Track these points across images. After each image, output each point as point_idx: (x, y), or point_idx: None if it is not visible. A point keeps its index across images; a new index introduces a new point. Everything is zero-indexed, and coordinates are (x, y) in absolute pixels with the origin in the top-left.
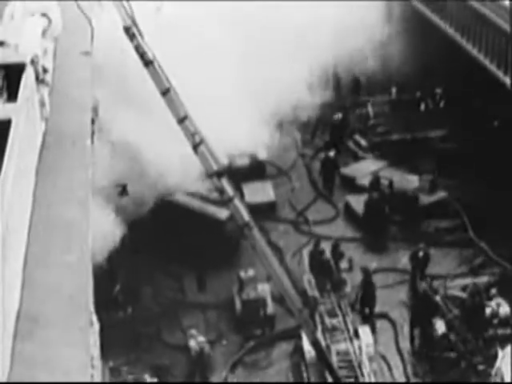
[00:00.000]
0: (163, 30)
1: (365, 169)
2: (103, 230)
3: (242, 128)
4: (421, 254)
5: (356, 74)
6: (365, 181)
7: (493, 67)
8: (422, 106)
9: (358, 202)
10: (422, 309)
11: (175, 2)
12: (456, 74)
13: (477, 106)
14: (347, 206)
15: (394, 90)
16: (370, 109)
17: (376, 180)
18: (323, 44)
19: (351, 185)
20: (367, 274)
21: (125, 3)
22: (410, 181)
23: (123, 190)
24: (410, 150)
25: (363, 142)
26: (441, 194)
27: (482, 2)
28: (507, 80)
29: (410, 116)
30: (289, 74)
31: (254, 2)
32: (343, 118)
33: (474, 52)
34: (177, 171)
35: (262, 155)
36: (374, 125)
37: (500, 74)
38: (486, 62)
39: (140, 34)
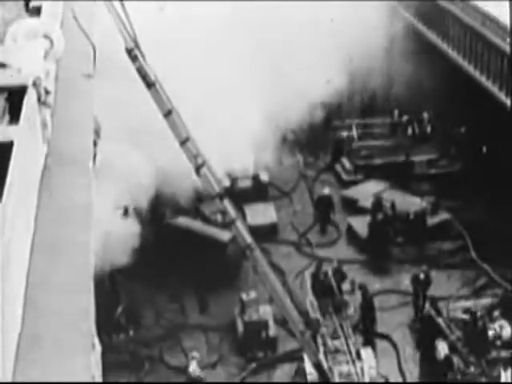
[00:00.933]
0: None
1: (367, 191)
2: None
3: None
4: (422, 276)
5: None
6: (367, 203)
7: (493, 89)
8: (410, 130)
9: (360, 224)
10: (424, 331)
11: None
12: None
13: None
14: (349, 228)
15: (395, 112)
16: (354, 131)
17: (378, 202)
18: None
19: (353, 207)
20: (365, 291)
21: (127, 25)
22: (412, 203)
23: (126, 212)
24: (395, 174)
25: (347, 165)
26: (443, 216)
27: (483, 22)
28: (508, 101)
29: (397, 140)
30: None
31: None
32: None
33: (475, 73)
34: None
35: (264, 177)
36: (358, 148)
37: (501, 95)
38: (487, 84)
39: (142, 56)
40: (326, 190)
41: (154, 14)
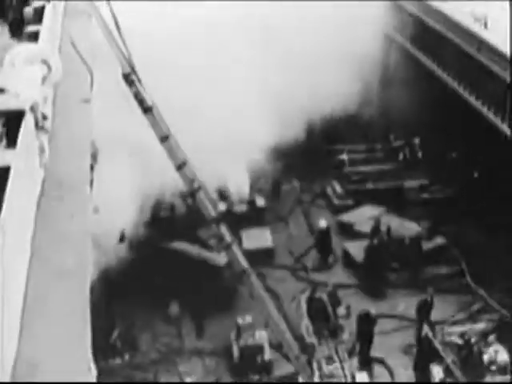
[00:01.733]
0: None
1: (363, 215)
2: None
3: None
4: (428, 299)
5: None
6: (363, 227)
7: (491, 116)
8: (401, 156)
9: (355, 249)
10: (421, 353)
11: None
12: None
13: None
14: (345, 253)
15: (392, 137)
16: (345, 156)
17: (377, 226)
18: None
19: (349, 231)
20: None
21: (124, 50)
22: (407, 227)
23: (122, 237)
24: (386, 199)
25: (338, 189)
26: (439, 241)
27: (479, 49)
28: (505, 129)
29: (389, 165)
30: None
31: None
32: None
33: (471, 99)
34: None
35: (260, 202)
36: (349, 172)
37: (497, 121)
38: (485, 111)
39: (139, 81)
40: (323, 223)
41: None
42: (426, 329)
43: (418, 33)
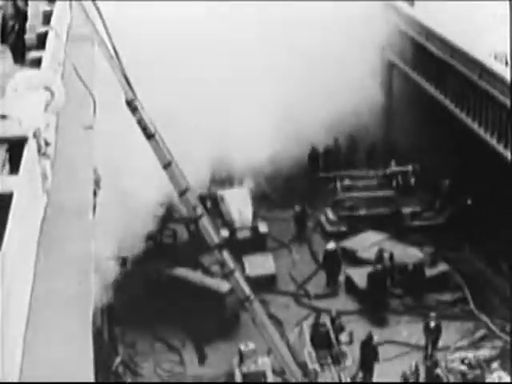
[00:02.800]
0: None
1: (365, 241)
2: None
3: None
4: (432, 324)
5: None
6: (365, 253)
7: (493, 141)
8: (394, 182)
9: (358, 275)
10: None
11: None
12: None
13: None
14: (348, 279)
15: (392, 162)
16: (338, 183)
17: (380, 253)
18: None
19: (352, 257)
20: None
21: (127, 76)
22: (410, 254)
23: (124, 262)
24: (380, 225)
25: (331, 216)
26: (442, 267)
27: (481, 75)
28: (507, 154)
29: (382, 191)
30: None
31: None
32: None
33: (473, 125)
34: None
35: (263, 228)
36: (341, 199)
37: (500, 148)
38: (486, 137)
39: (142, 107)
40: (331, 245)
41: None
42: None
43: (420, 59)
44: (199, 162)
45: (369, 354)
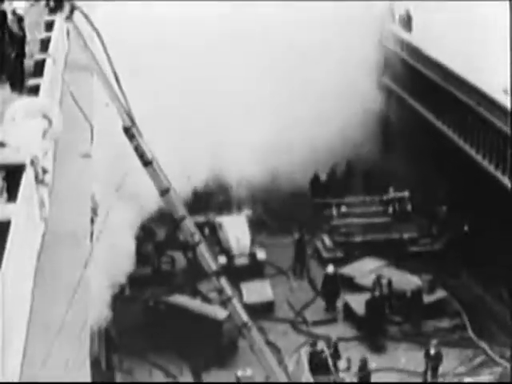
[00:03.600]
0: None
1: (363, 268)
2: None
3: None
4: (433, 351)
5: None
6: (363, 280)
7: (491, 168)
8: (391, 209)
9: (357, 302)
10: None
11: None
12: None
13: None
14: (346, 306)
15: (391, 189)
16: (334, 209)
17: (378, 279)
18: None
19: (350, 284)
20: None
21: (124, 104)
22: (408, 281)
23: (122, 289)
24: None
25: (328, 242)
26: (440, 294)
27: (479, 103)
28: (506, 182)
29: (378, 218)
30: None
31: None
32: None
33: (471, 151)
34: None
35: (261, 255)
36: (338, 225)
37: (499, 175)
38: (484, 163)
39: (139, 134)
40: (330, 269)
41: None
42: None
43: (418, 85)
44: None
45: (362, 378)
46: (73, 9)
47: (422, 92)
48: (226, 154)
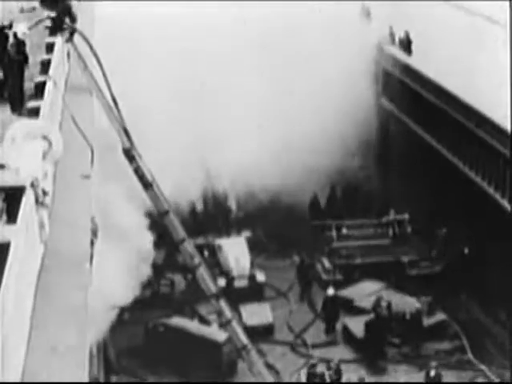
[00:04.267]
0: None
1: (363, 290)
2: None
3: None
4: (433, 373)
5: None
6: (362, 303)
7: (490, 190)
8: (390, 231)
9: (356, 324)
10: None
11: None
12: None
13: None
14: (345, 328)
15: (392, 211)
16: (333, 231)
17: (377, 302)
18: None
19: (349, 307)
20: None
21: (125, 126)
22: (408, 303)
23: (121, 311)
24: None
25: (327, 265)
26: (440, 316)
27: (479, 125)
28: (506, 204)
29: (377, 240)
30: None
31: None
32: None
33: (472, 175)
34: None
35: (261, 277)
36: (337, 247)
37: (498, 197)
38: (484, 185)
39: (139, 156)
40: (331, 291)
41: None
42: None
43: (416, 106)
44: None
45: None
46: (73, 31)
47: (420, 114)
48: (221, 171)
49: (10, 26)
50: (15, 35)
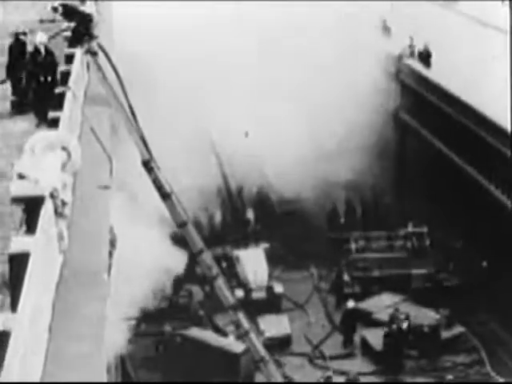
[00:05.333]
0: None
1: (381, 303)
2: None
3: None
4: None
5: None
6: (381, 315)
7: (510, 204)
8: (408, 244)
9: (374, 337)
10: None
11: None
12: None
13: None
14: (363, 341)
15: (410, 224)
16: (352, 244)
17: (395, 314)
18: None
19: (367, 319)
20: None
21: (143, 137)
22: (426, 316)
23: (139, 323)
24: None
25: (346, 277)
26: (458, 329)
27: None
28: (509, 204)
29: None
30: None
31: None
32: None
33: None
34: None
35: (278, 288)
36: (355, 260)
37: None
38: (503, 199)
39: (157, 167)
40: (351, 304)
41: None
42: None
43: (434, 119)
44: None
45: None
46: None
47: (439, 127)
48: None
49: (25, 34)
50: (35, 46)
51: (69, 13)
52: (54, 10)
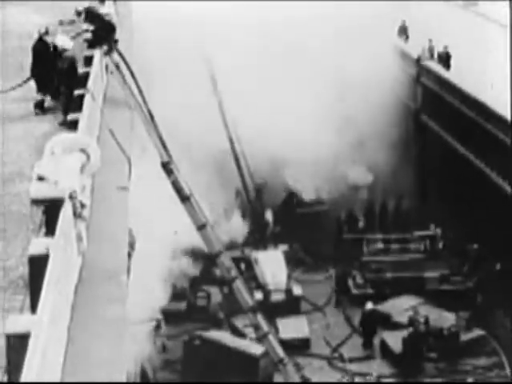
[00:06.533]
0: None
1: (400, 305)
2: None
3: None
4: None
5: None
6: (400, 318)
7: (499, 180)
8: (422, 246)
9: (393, 339)
10: None
11: None
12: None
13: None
14: (383, 343)
15: (432, 226)
16: (364, 246)
17: (415, 317)
18: None
19: (387, 322)
20: None
21: (163, 140)
22: (445, 318)
23: (158, 326)
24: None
25: (358, 279)
26: (478, 332)
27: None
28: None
29: (409, 255)
30: None
31: None
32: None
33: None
34: None
35: (297, 291)
36: (368, 262)
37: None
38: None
39: (177, 170)
40: (369, 306)
41: None
42: None
43: (457, 123)
44: None
45: None
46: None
47: (459, 129)
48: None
49: (47, 32)
50: (55, 47)
51: (92, 18)
52: (78, 14)
